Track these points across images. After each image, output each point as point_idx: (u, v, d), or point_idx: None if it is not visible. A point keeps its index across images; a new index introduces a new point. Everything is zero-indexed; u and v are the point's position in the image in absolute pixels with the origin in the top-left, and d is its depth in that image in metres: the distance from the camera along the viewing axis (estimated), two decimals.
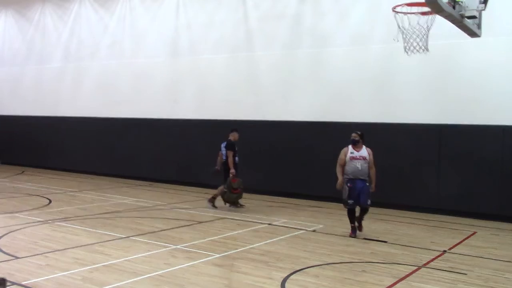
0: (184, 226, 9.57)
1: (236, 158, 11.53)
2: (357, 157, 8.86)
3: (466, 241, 9.00)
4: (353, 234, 8.97)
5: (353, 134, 9.07)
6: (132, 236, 8.46)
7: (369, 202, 8.90)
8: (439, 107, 11.81)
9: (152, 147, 16.28)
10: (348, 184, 8.82)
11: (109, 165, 17.28)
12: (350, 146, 8.98)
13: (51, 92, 19.36)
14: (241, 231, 9.26)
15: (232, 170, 11.27)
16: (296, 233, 9.17)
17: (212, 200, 11.65)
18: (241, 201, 11.74)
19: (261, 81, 14.51)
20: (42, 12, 19.89)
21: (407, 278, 6.55)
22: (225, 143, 11.59)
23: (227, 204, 11.56)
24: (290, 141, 13.61)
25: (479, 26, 8.18)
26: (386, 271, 6.87)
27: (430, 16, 8.51)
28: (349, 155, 8.89)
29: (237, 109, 14.76)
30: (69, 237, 8.31)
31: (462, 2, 7.25)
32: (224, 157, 11.55)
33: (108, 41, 17.91)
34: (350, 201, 8.84)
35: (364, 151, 8.97)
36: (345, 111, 12.97)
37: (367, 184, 8.89)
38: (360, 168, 8.83)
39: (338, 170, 8.97)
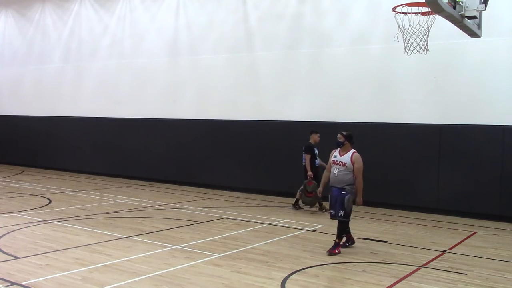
0: (184, 226, 9.57)
1: (317, 161, 11.34)
2: (337, 162, 7.77)
3: (466, 241, 8.99)
4: (342, 244, 7.86)
5: (338, 135, 7.89)
6: (132, 236, 8.46)
7: (340, 213, 7.68)
8: (439, 107, 11.81)
9: (152, 147, 16.28)
10: (330, 193, 7.92)
11: (109, 165, 17.28)
12: (338, 149, 7.90)
13: (51, 92, 19.37)
14: (241, 231, 9.26)
15: (309, 173, 11.15)
16: (296, 233, 9.16)
17: (295, 205, 11.62)
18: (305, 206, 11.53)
19: (261, 81, 14.52)
20: (42, 12, 19.90)
21: (407, 278, 6.55)
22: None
23: (307, 206, 11.48)
24: (290, 141, 13.60)
25: (479, 26, 8.20)
26: (386, 271, 6.86)
27: (430, 16, 8.52)
28: (332, 158, 7.89)
29: (237, 109, 14.77)
30: (69, 237, 8.31)
31: (462, 2, 7.25)
32: (303, 160, 11.39)
33: (108, 41, 17.92)
34: (331, 212, 7.92)
35: (347, 157, 7.69)
36: (345, 111, 12.97)
37: (343, 193, 7.64)
38: (336, 175, 7.73)
39: (324, 174, 8.20)
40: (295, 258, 7.34)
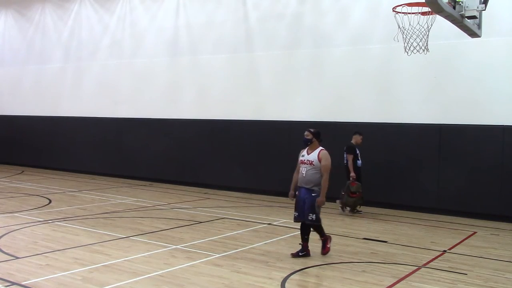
0: (184, 226, 9.57)
1: (359, 162, 11.18)
2: (304, 161, 7.41)
3: (466, 241, 8.99)
4: (295, 254, 7.43)
5: (305, 133, 7.50)
6: (132, 236, 8.46)
7: (311, 217, 7.30)
8: (439, 107, 11.81)
9: (152, 147, 16.28)
10: (296, 192, 7.56)
11: (109, 165, 17.28)
12: (306, 148, 7.53)
13: (51, 92, 19.37)
14: (241, 231, 9.26)
15: (352, 174, 10.95)
16: (296, 233, 9.11)
17: (343, 206, 11.36)
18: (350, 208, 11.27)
19: (261, 81, 14.52)
20: (42, 12, 19.90)
21: (407, 278, 6.54)
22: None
23: (348, 208, 11.23)
24: (290, 141, 13.59)
25: (479, 26, 8.20)
26: (386, 271, 6.86)
27: (430, 16, 8.54)
28: (300, 158, 7.52)
29: (237, 109, 14.77)
30: (69, 237, 8.31)
31: (462, 2, 7.26)
32: (345, 161, 11.21)
33: (108, 41, 17.92)
34: (294, 213, 7.54)
35: (314, 155, 7.34)
36: (345, 111, 12.97)
37: (314, 195, 7.29)
38: (304, 175, 7.36)
39: (293, 176, 7.66)
40: (295, 258, 7.33)
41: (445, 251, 8.14)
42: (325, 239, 7.61)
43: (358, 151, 11.30)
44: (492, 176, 11.06)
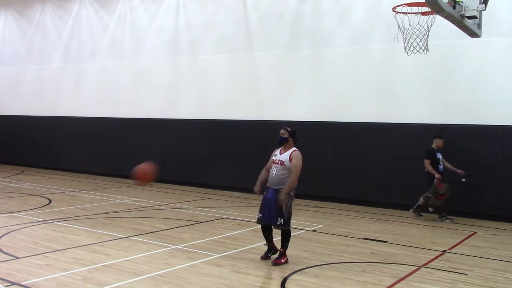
0: (184, 226, 9.57)
1: (440, 167, 10.90)
2: (276, 161, 7.12)
3: (466, 241, 8.99)
4: (264, 256, 7.23)
5: (281, 131, 7.24)
6: (132, 236, 8.46)
7: (279, 221, 6.94)
8: (439, 107, 11.81)
9: (152, 147, 16.25)
10: (264, 193, 7.28)
11: (109, 165, 17.26)
12: (280, 147, 7.25)
13: (51, 92, 19.36)
14: (241, 231, 9.27)
15: (438, 175, 10.66)
16: (296, 233, 9.14)
17: (416, 210, 11.16)
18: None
19: (261, 81, 14.51)
20: (42, 12, 19.89)
21: (407, 278, 6.55)
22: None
23: (431, 210, 11.01)
24: None
25: (479, 26, 8.21)
26: (386, 271, 6.86)
27: (430, 16, 8.54)
28: (272, 157, 7.25)
29: (237, 109, 14.76)
30: (69, 237, 8.31)
31: (462, 2, 7.26)
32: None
33: (108, 41, 17.91)
34: (258, 215, 7.25)
35: (286, 155, 7.05)
36: (345, 111, 12.97)
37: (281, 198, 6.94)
38: (273, 175, 7.09)
39: (261, 174, 7.43)
40: (295, 258, 7.33)
41: (445, 251, 8.14)
42: (284, 253, 7.08)
43: (439, 156, 11.00)
44: (492, 176, 11.05)
